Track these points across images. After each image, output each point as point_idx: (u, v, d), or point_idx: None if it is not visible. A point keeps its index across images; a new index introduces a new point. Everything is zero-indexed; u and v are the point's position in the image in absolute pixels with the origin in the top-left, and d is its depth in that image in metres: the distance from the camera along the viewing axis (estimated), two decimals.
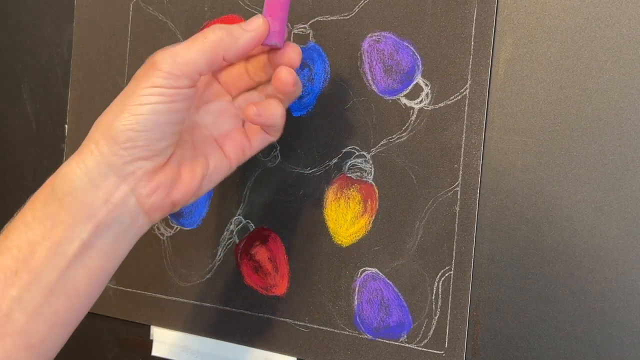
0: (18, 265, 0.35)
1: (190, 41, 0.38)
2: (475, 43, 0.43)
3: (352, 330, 0.47)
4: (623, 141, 0.40)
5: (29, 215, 0.36)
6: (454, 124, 0.44)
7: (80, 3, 0.57)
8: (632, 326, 0.40)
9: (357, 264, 0.47)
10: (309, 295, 0.48)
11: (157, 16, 0.53)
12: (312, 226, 0.48)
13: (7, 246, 0.35)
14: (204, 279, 0.52)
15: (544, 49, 0.42)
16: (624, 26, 0.40)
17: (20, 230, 0.35)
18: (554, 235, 0.42)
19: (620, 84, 0.40)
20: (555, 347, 0.42)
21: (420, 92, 0.45)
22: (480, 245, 0.43)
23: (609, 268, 0.40)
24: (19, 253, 0.35)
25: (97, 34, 0.56)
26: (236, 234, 0.51)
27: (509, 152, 0.43)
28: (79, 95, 0.57)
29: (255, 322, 0.50)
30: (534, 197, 0.42)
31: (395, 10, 0.45)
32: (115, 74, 0.55)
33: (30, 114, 0.60)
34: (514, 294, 0.43)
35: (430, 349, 0.44)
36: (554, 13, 0.42)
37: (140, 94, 0.36)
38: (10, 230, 0.36)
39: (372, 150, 0.46)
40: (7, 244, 0.35)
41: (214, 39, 0.38)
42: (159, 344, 0.54)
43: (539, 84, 0.42)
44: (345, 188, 0.47)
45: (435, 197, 0.44)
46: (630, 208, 0.40)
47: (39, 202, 0.36)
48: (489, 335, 0.43)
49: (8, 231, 0.36)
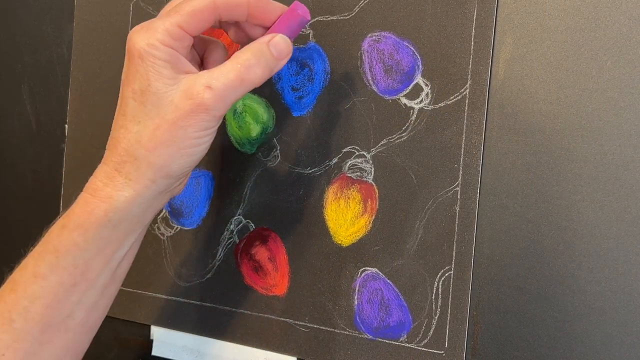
0: (76, 279, 0.39)
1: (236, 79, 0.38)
2: (475, 43, 0.43)
3: (352, 330, 0.47)
4: (623, 141, 0.40)
5: (80, 239, 0.39)
6: (454, 124, 0.44)
7: (80, 3, 0.57)
8: (632, 326, 0.40)
9: (357, 264, 0.47)
10: (309, 295, 0.48)
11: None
12: (312, 226, 0.48)
13: (64, 266, 0.39)
14: (204, 278, 0.52)
15: (544, 49, 0.42)
16: (624, 26, 0.40)
17: (74, 253, 0.39)
18: (554, 235, 0.42)
19: (620, 84, 0.40)
20: (555, 347, 0.42)
21: (420, 92, 0.45)
22: (480, 245, 0.43)
23: (609, 268, 0.40)
24: (75, 270, 0.39)
25: (97, 34, 0.56)
26: (236, 234, 0.51)
27: (509, 152, 0.43)
28: (79, 95, 0.57)
29: (255, 322, 0.50)
30: (534, 197, 0.42)
31: (395, 10, 0.45)
32: (115, 74, 0.55)
33: (30, 114, 0.60)
34: (514, 294, 0.43)
35: (430, 348, 0.44)
36: (554, 13, 0.42)
37: (192, 136, 0.38)
38: (62, 252, 0.39)
39: (372, 150, 0.46)
40: (63, 264, 0.39)
41: (254, 79, 0.39)
42: (159, 344, 0.54)
43: (539, 84, 0.42)
44: (345, 188, 0.47)
45: (435, 197, 0.44)
46: (630, 208, 0.40)
47: (92, 228, 0.39)
48: (489, 335, 0.43)
49: (59, 252, 0.39)
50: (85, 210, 0.39)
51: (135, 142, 0.38)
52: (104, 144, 0.56)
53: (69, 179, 0.58)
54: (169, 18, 0.38)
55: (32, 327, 0.39)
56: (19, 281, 0.39)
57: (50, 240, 0.39)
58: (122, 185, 0.38)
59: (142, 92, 0.38)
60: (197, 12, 0.38)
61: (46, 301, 0.39)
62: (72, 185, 0.57)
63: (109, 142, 0.40)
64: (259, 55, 0.39)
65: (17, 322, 0.38)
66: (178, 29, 0.38)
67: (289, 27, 0.42)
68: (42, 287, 0.39)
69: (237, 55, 0.39)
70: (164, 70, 0.38)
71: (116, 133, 0.39)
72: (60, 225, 0.39)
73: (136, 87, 0.38)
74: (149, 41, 0.37)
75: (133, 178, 0.38)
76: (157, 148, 0.38)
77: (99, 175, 0.39)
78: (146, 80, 0.38)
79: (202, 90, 0.38)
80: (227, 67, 0.39)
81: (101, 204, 0.38)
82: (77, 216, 0.39)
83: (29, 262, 0.39)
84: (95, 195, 0.39)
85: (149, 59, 0.37)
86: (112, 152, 0.39)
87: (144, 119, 0.38)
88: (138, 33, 0.38)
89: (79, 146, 0.57)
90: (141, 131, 0.38)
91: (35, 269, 0.39)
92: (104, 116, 0.56)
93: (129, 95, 0.38)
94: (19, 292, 0.39)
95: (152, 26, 0.38)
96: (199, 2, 0.39)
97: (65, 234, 0.39)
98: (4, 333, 0.38)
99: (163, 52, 0.38)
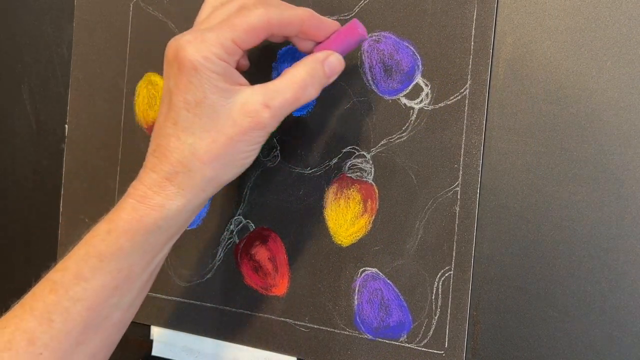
0: (118, 282, 0.40)
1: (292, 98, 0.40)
2: (475, 43, 0.43)
3: (352, 330, 0.47)
4: (623, 141, 0.40)
5: (126, 245, 0.39)
6: (454, 124, 0.44)
7: (80, 3, 0.57)
8: (632, 326, 0.40)
9: (357, 264, 0.47)
10: (309, 295, 0.48)
11: (157, 16, 0.53)
12: (312, 226, 0.48)
13: (107, 270, 0.39)
14: (204, 279, 0.52)
15: (544, 49, 0.42)
16: (624, 26, 0.40)
17: (119, 257, 0.39)
18: (554, 235, 0.42)
19: (620, 84, 0.40)
20: (555, 347, 0.42)
21: (420, 92, 0.45)
22: (480, 245, 0.43)
23: (609, 268, 0.40)
24: (119, 274, 0.40)
25: (97, 34, 0.56)
26: (236, 234, 0.51)
27: (509, 152, 0.43)
28: (79, 95, 0.57)
29: (255, 322, 0.50)
30: (534, 197, 0.42)
31: (395, 10, 0.45)
32: (115, 74, 0.55)
33: (30, 114, 0.60)
34: (514, 294, 0.43)
35: (430, 349, 0.44)
36: (554, 13, 0.42)
37: (245, 150, 0.40)
38: (107, 256, 0.39)
39: (372, 150, 0.46)
40: (107, 268, 0.39)
41: (307, 98, 0.40)
42: (159, 344, 0.54)
43: (539, 84, 0.42)
44: (345, 188, 0.47)
45: (435, 197, 0.44)
46: (630, 208, 0.40)
47: (140, 235, 0.39)
48: (489, 335, 0.43)
49: (103, 256, 0.39)
50: (134, 217, 0.39)
51: (189, 154, 0.39)
52: (104, 144, 0.56)
53: (69, 179, 0.58)
54: (223, 31, 0.38)
55: (72, 328, 0.39)
56: (60, 282, 0.39)
57: (94, 244, 0.39)
58: (173, 194, 0.39)
59: (196, 104, 0.38)
60: (251, 29, 0.39)
61: (87, 303, 0.39)
62: (72, 185, 0.57)
63: (154, 148, 0.40)
64: (313, 75, 0.40)
65: (57, 322, 0.39)
66: (232, 44, 0.38)
67: (344, 45, 0.42)
68: (84, 289, 0.39)
69: (293, 72, 0.40)
70: (220, 84, 0.38)
71: (165, 141, 0.39)
72: (106, 230, 0.39)
73: (189, 97, 0.38)
74: (204, 54, 0.38)
75: (185, 188, 0.39)
76: (212, 161, 0.39)
77: (147, 183, 0.39)
78: (202, 92, 0.38)
79: (261, 108, 0.39)
80: (283, 85, 0.40)
81: (152, 212, 0.39)
82: (124, 222, 0.39)
83: (70, 265, 0.40)
84: (144, 202, 0.39)
85: (205, 72, 0.38)
86: (161, 161, 0.39)
87: (199, 132, 0.38)
88: (191, 44, 0.38)
89: (79, 146, 0.57)
90: (196, 143, 0.39)
91: (78, 272, 0.39)
92: (104, 116, 0.56)
93: (181, 105, 0.38)
94: (60, 293, 0.39)
95: (206, 38, 0.38)
96: (254, 19, 0.39)
97: (111, 239, 0.39)
98: (43, 333, 0.39)
99: (218, 66, 0.38)
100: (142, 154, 0.54)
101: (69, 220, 0.57)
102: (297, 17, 0.40)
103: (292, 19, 0.40)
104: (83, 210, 0.57)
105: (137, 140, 0.54)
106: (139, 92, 0.54)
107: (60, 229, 0.58)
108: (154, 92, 0.54)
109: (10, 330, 0.39)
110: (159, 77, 0.54)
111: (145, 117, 0.54)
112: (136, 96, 0.55)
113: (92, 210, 0.56)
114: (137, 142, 0.54)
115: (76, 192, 0.57)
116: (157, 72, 0.54)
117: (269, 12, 0.39)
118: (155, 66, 0.54)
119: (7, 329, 0.39)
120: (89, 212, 0.57)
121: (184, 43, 0.38)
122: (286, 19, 0.40)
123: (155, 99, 0.54)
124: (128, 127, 0.55)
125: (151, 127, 0.54)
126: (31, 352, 0.39)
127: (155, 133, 0.40)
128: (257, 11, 0.39)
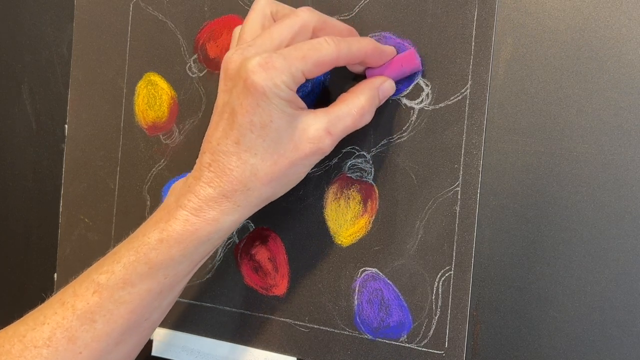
0: (163, 287, 0.41)
1: (351, 125, 0.41)
2: (476, 43, 0.43)
3: (352, 330, 0.47)
4: (623, 141, 0.40)
5: (177, 254, 0.40)
6: (454, 124, 0.44)
7: (80, 3, 0.57)
8: (632, 326, 0.40)
9: (357, 264, 0.47)
10: (309, 295, 0.48)
11: (157, 16, 0.53)
12: (312, 226, 0.48)
13: (154, 276, 0.40)
14: (203, 279, 0.52)
15: (544, 49, 0.42)
16: (624, 26, 0.40)
17: (167, 265, 0.40)
18: (554, 235, 0.42)
19: (620, 84, 0.40)
20: (555, 347, 0.42)
21: (420, 93, 0.45)
22: (480, 245, 0.43)
23: (609, 268, 0.40)
24: (165, 280, 0.41)
25: (97, 34, 0.56)
26: (236, 234, 0.51)
27: (509, 152, 0.43)
28: (79, 95, 0.57)
29: (255, 322, 0.50)
30: (534, 197, 0.42)
31: (395, 10, 0.45)
32: (115, 74, 0.55)
33: (30, 114, 0.60)
34: (514, 294, 0.43)
35: (430, 349, 0.45)
36: (554, 13, 0.42)
37: (302, 172, 0.41)
38: (156, 264, 0.40)
39: (372, 150, 0.46)
40: (155, 274, 0.40)
41: (363, 124, 0.42)
42: (159, 344, 0.54)
43: (539, 84, 0.42)
44: (345, 188, 0.47)
45: (436, 197, 0.44)
46: (630, 208, 0.40)
47: (192, 246, 0.40)
48: (489, 335, 0.43)
49: (152, 264, 0.40)
50: (187, 229, 0.40)
51: (250, 174, 0.39)
52: (104, 144, 0.56)
53: (69, 179, 0.58)
54: (294, 61, 0.39)
55: (113, 329, 0.40)
56: (105, 285, 0.40)
57: (145, 252, 0.40)
58: (229, 210, 0.40)
59: (262, 126, 0.39)
60: (322, 64, 0.40)
61: (131, 307, 0.40)
62: (72, 185, 0.57)
63: (210, 163, 0.40)
64: (372, 102, 0.42)
65: (99, 323, 0.40)
66: (302, 75, 0.39)
67: (398, 73, 0.44)
68: (129, 293, 0.40)
69: (353, 100, 0.41)
70: (286, 109, 0.39)
71: (225, 159, 0.40)
72: (158, 240, 0.40)
73: (255, 120, 0.39)
74: (275, 82, 0.38)
75: (242, 205, 0.40)
76: (270, 182, 0.40)
77: (203, 197, 0.40)
78: (269, 116, 0.38)
79: (324, 135, 0.40)
80: (344, 112, 0.41)
81: (206, 226, 0.40)
82: (177, 234, 0.40)
83: (117, 269, 0.40)
84: (198, 215, 0.40)
85: (274, 99, 0.38)
86: (220, 177, 0.40)
87: (262, 153, 0.39)
88: (262, 69, 0.38)
89: (79, 146, 0.57)
90: (258, 165, 0.39)
91: (125, 277, 0.40)
92: (104, 116, 0.56)
93: (246, 127, 0.39)
94: (104, 295, 0.40)
95: (277, 66, 0.38)
96: (325, 55, 0.39)
97: (162, 248, 0.40)
98: (85, 332, 0.40)
99: (286, 94, 0.39)
100: (142, 153, 0.54)
101: (69, 220, 0.57)
102: (363, 52, 0.41)
103: (359, 54, 0.41)
104: (83, 210, 0.57)
105: (137, 140, 0.54)
106: (138, 92, 0.54)
107: (60, 229, 0.58)
108: (153, 92, 0.54)
109: (50, 327, 0.40)
110: (158, 77, 0.54)
111: (145, 116, 0.54)
112: (136, 96, 0.55)
113: (92, 210, 0.56)
114: (137, 142, 0.54)
115: (76, 192, 0.57)
116: (156, 72, 0.54)
117: (339, 48, 0.40)
118: (155, 66, 0.54)
119: (47, 326, 0.40)
120: (89, 212, 0.57)
121: (255, 67, 0.38)
122: (354, 54, 0.41)
123: (155, 98, 0.54)
124: (128, 127, 0.55)
125: (151, 126, 0.54)
126: (71, 351, 0.40)
127: (209, 147, 0.40)
128: (330, 47, 0.39)
